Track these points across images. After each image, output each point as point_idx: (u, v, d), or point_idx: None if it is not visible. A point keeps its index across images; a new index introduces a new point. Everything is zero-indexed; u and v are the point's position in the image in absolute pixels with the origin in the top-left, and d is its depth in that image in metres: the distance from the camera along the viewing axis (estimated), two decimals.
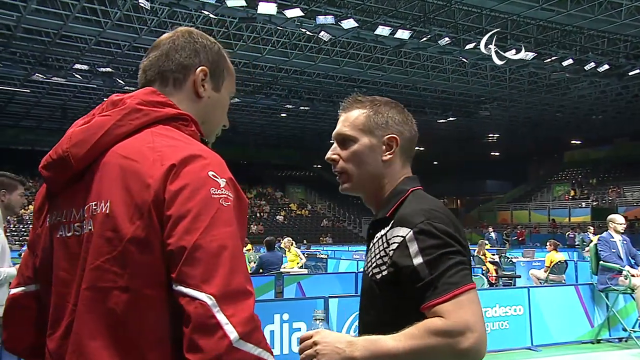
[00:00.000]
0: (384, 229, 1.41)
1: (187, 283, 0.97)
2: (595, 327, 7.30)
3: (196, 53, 1.24)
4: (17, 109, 31.13)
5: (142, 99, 1.16)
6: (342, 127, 1.52)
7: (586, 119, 32.89)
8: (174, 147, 1.07)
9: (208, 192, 1.02)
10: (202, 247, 0.98)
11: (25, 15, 17.40)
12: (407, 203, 1.42)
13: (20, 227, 29.17)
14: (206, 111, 1.25)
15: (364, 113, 1.51)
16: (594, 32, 19.59)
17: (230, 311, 0.95)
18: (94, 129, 1.12)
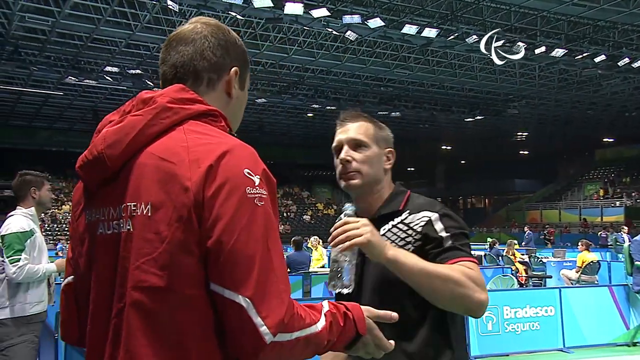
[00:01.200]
0: (396, 218, 1.68)
1: (224, 285, 1.00)
2: (630, 329, 7.14)
3: (227, 51, 1.24)
4: (50, 111, 31.93)
5: (172, 96, 1.14)
6: (357, 134, 1.72)
7: (619, 116, 32.07)
8: (207, 144, 1.07)
9: (244, 192, 1.03)
10: (239, 249, 1.00)
11: (59, 20, 17.84)
12: (414, 199, 1.74)
13: (54, 226, 29.92)
14: (234, 110, 1.26)
15: (371, 126, 1.75)
16: (628, 26, 19.09)
17: (265, 312, 0.99)
18: (127, 130, 1.12)
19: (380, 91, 27.32)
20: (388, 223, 1.68)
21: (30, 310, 3.68)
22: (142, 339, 1.03)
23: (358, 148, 1.71)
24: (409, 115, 30.44)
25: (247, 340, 1.00)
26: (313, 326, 1.07)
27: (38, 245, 3.77)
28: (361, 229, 1.47)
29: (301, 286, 8.29)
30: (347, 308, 1.17)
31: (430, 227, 1.62)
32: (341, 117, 1.78)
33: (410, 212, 1.68)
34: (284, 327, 1.01)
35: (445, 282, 1.48)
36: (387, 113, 29.12)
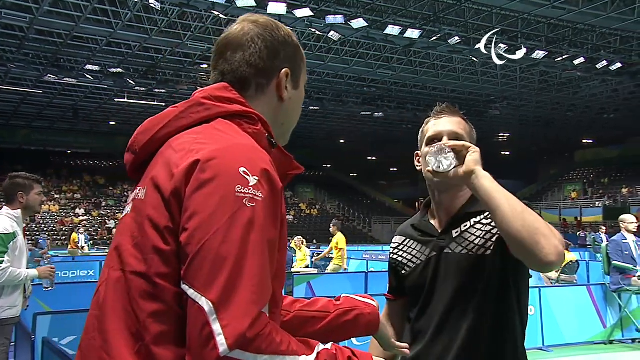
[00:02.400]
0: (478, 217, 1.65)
1: (191, 284, 0.93)
2: (608, 327, 7.25)
3: (276, 54, 1.20)
4: (29, 109, 31.42)
5: (210, 93, 1.14)
6: (457, 128, 1.71)
7: (598, 118, 32.59)
8: (215, 139, 1.04)
9: (232, 190, 0.96)
10: (211, 247, 0.93)
11: (38, 17, 17.57)
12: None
13: (33, 225, 29.45)
14: (288, 112, 1.24)
15: (467, 125, 1.75)
16: (606, 30, 19.41)
17: (227, 320, 0.90)
18: (159, 119, 1.13)
19: (364, 91, 27.40)
20: (470, 220, 1.66)
21: (2, 314, 3.62)
22: (115, 324, 1.01)
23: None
24: (392, 116, 30.57)
25: (200, 348, 0.91)
26: (292, 356, 0.96)
27: (19, 247, 3.72)
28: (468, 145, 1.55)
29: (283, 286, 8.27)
30: (354, 353, 1.09)
31: None
32: (438, 109, 1.77)
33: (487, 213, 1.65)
34: (245, 343, 0.90)
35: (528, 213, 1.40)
36: (370, 113, 29.25)
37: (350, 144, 42.03)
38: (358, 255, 17.73)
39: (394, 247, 1.83)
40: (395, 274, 1.80)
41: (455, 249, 1.65)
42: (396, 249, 1.82)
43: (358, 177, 49.99)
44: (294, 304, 1.36)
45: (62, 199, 33.56)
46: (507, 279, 1.60)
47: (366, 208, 42.02)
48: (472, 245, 1.63)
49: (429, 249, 1.69)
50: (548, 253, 1.34)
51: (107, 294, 1.04)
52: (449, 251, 1.65)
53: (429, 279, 1.66)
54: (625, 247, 7.04)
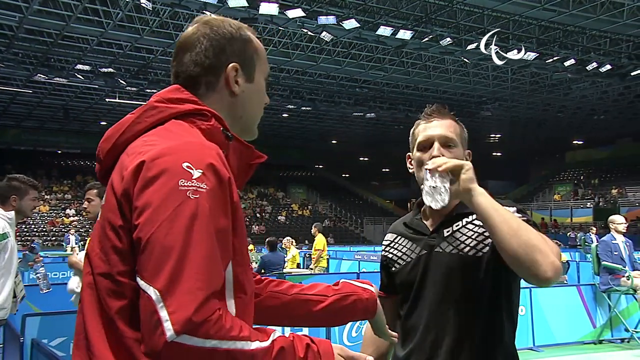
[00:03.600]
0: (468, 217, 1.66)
1: (141, 275, 0.98)
2: (597, 327, 7.29)
3: (222, 50, 1.22)
4: (19, 109, 31.17)
5: (163, 96, 1.18)
6: (447, 132, 1.69)
7: (588, 119, 32.84)
8: (163, 140, 1.08)
9: (176, 184, 1.00)
10: (157, 239, 0.97)
11: (28, 16, 17.43)
12: None
13: (23, 227, 29.22)
14: (244, 105, 1.25)
15: (457, 126, 1.73)
16: (596, 32, 19.56)
17: (173, 307, 0.94)
18: (118, 126, 1.17)
19: (356, 92, 27.43)
20: (461, 220, 1.68)
21: None
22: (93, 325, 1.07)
23: (448, 146, 1.67)
24: (384, 117, 30.64)
25: (150, 335, 0.95)
26: (244, 342, 0.99)
27: (10, 249, 3.69)
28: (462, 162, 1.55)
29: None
30: (313, 341, 1.12)
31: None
32: (428, 111, 1.73)
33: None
34: (193, 327, 0.93)
35: (525, 230, 1.41)
36: (362, 114, 29.29)
37: (342, 144, 42.05)
38: (350, 256, 17.75)
39: (386, 245, 1.84)
40: (386, 271, 1.82)
41: (445, 248, 1.66)
42: (388, 246, 1.83)
43: (350, 177, 50.04)
44: (292, 288, 1.39)
45: (52, 199, 33.32)
46: (499, 281, 1.61)
47: (358, 208, 42.08)
48: (463, 245, 1.64)
49: (420, 247, 1.71)
50: (545, 270, 1.37)
51: (84, 296, 1.11)
52: (440, 250, 1.66)
53: (418, 277, 1.68)
54: (614, 247, 7.09)
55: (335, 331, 5.55)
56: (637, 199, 32.28)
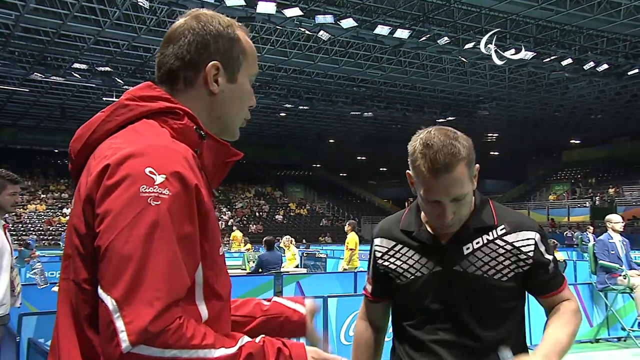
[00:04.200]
0: (491, 233, 1.60)
1: (100, 284, 0.96)
2: (594, 326, 7.31)
3: (205, 46, 1.18)
4: (15, 108, 31.09)
5: (133, 94, 1.15)
6: (457, 190, 1.50)
7: (585, 118, 32.91)
8: (129, 143, 1.04)
9: (137, 190, 0.98)
10: (115, 248, 0.95)
11: (24, 15, 17.38)
12: (501, 210, 1.66)
13: (19, 226, 29.16)
14: (223, 105, 1.21)
15: (464, 162, 1.50)
16: (593, 31, 19.60)
17: (129, 317, 0.92)
18: (89, 125, 1.15)
19: (353, 91, 27.43)
20: (481, 237, 1.59)
21: None
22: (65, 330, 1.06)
23: (458, 199, 1.53)
24: (381, 116, 30.65)
25: (106, 346, 0.93)
26: (207, 350, 0.97)
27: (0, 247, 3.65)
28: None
29: (272, 286, 8.25)
30: (285, 344, 1.10)
31: (538, 252, 1.60)
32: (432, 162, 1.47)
33: (506, 229, 1.61)
34: (149, 338, 0.91)
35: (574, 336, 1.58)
36: (359, 113, 29.29)
37: (339, 143, 42.04)
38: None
39: (382, 252, 1.71)
40: (386, 280, 1.71)
41: (467, 268, 1.58)
42: (386, 254, 1.70)
43: (347, 176, 50.05)
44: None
45: (49, 198, 33.26)
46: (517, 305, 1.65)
47: (355, 208, 42.09)
48: (487, 267, 1.57)
49: (433, 263, 1.61)
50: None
51: (58, 301, 1.10)
52: (460, 269, 1.58)
53: (433, 294, 1.60)
54: (611, 246, 7.09)
55: (332, 331, 5.55)
56: (634, 198, 32.37)
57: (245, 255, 14.31)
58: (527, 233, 1.60)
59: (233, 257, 16.80)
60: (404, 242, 1.67)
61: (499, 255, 1.58)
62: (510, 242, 1.59)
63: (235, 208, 36.72)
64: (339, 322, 5.64)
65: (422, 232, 1.64)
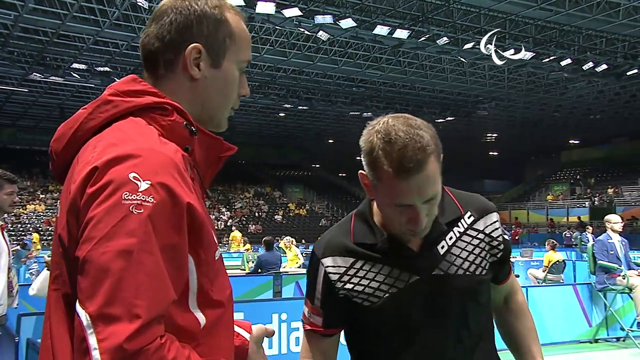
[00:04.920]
0: (460, 223, 1.43)
1: (78, 297, 0.89)
2: (593, 326, 7.31)
3: (187, 27, 1.08)
4: (14, 108, 31.08)
5: (117, 88, 1.07)
6: (431, 189, 1.28)
7: (584, 118, 32.93)
8: (113, 145, 0.97)
9: (119, 197, 0.90)
10: (92, 258, 0.88)
11: (23, 15, 17.37)
12: (458, 194, 1.49)
13: (18, 226, 29.15)
14: (206, 93, 1.11)
15: (433, 155, 1.27)
16: (592, 31, 19.62)
17: (103, 334, 0.84)
18: (71, 123, 1.07)
19: (352, 91, 27.43)
20: (452, 231, 1.41)
21: None
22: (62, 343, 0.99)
23: (431, 199, 1.31)
24: (380, 116, 30.62)
25: None
26: None
27: None
28: None
29: (272, 287, 8.24)
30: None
31: (502, 232, 1.49)
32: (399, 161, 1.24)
33: (474, 215, 1.44)
34: (124, 357, 0.84)
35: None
36: (359, 113, 29.27)
37: (338, 144, 42.03)
38: None
39: (339, 273, 1.42)
40: (347, 307, 1.42)
41: (448, 269, 1.38)
42: (344, 275, 1.41)
43: (347, 177, 50.01)
44: None
45: (48, 198, 33.23)
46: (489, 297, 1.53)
47: (355, 208, 41.83)
48: (467, 263, 1.40)
49: (407, 273, 1.37)
50: None
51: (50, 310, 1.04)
52: (440, 272, 1.37)
53: (417, 308, 1.37)
54: (610, 246, 7.10)
55: None
56: (632, 199, 32.40)
57: (245, 256, 14.31)
58: (492, 216, 1.46)
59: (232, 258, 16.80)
60: (365, 257, 1.40)
61: (475, 247, 1.42)
62: (482, 230, 1.43)
63: (234, 208, 36.71)
64: None
65: (386, 241, 1.38)
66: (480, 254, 1.42)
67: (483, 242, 1.43)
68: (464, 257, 1.40)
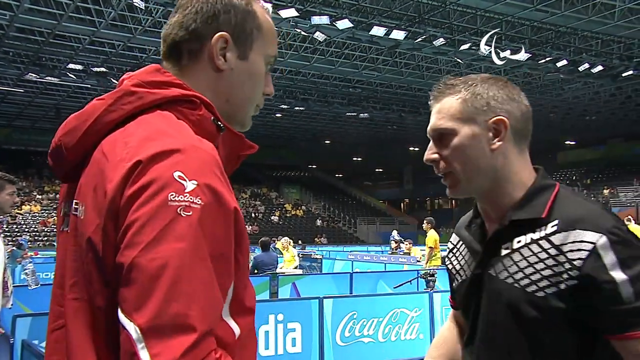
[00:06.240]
0: (536, 231, 1.16)
1: (122, 307, 0.81)
2: None
3: (214, 16, 1.03)
4: (10, 108, 30.99)
5: (141, 79, 0.99)
6: (437, 121, 1.25)
7: (580, 119, 33.06)
8: (150, 140, 0.89)
9: (165, 198, 0.82)
10: (140, 265, 0.80)
11: (19, 15, 17.33)
12: (565, 201, 1.19)
13: (14, 227, 29.06)
14: (231, 85, 1.05)
15: (459, 98, 1.25)
16: (588, 33, 19.70)
17: (157, 349, 0.77)
18: (85, 115, 0.98)
19: (349, 92, 27.46)
20: (526, 234, 1.17)
21: None
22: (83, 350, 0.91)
23: (443, 139, 1.24)
24: (377, 117, 30.68)
25: None
26: None
27: None
28: None
29: (268, 287, 8.24)
30: None
31: (595, 262, 1.07)
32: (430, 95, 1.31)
33: (559, 226, 1.13)
34: None
35: None
36: (355, 114, 29.33)
37: (335, 144, 42.08)
38: (343, 256, 17.77)
39: (449, 250, 1.43)
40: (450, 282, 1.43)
41: (500, 272, 1.19)
42: (450, 252, 1.42)
43: (343, 177, 50.08)
44: None
45: (44, 199, 33.14)
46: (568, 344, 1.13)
47: (351, 208, 42.12)
48: (521, 274, 1.16)
49: (475, 264, 1.28)
50: None
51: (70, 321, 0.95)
52: (493, 274, 1.21)
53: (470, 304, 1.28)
54: None
55: (327, 332, 5.55)
56: (628, 199, 32.52)
57: None
58: (584, 233, 1.09)
59: None
60: (465, 240, 1.36)
61: (539, 261, 1.13)
62: (557, 245, 1.12)
63: None
64: (335, 324, 5.64)
65: (473, 224, 1.33)
66: (542, 271, 1.13)
67: (552, 258, 1.12)
68: (521, 267, 1.16)
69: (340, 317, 5.66)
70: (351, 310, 5.67)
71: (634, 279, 1.05)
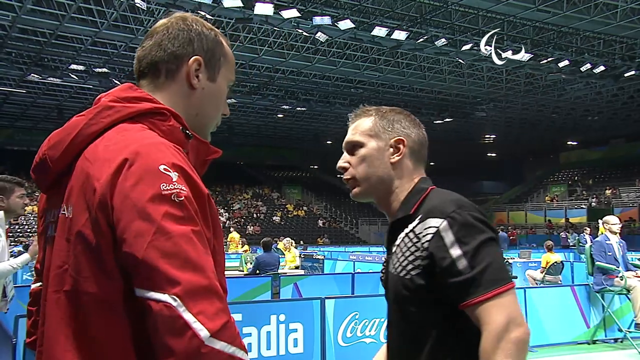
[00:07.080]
0: (408, 226, 1.37)
1: (149, 286, 0.93)
2: (591, 327, 7.32)
3: (189, 42, 1.19)
4: (12, 109, 31.02)
5: (116, 95, 1.13)
6: (351, 135, 1.53)
7: (582, 120, 32.99)
8: (126, 142, 1.02)
9: (158, 189, 0.96)
10: (158, 248, 0.93)
11: (21, 15, 17.35)
12: (431, 198, 1.40)
13: (16, 227, 29.09)
14: (201, 102, 1.21)
15: (371, 119, 1.52)
16: (590, 33, 19.66)
17: (197, 309, 0.91)
18: (68, 130, 1.11)
19: (351, 93, 27.44)
20: (403, 230, 1.39)
21: None
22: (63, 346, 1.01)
23: (354, 150, 1.51)
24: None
25: (179, 343, 0.90)
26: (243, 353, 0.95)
27: (1, 248, 3.65)
28: None
29: (270, 287, 8.24)
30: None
31: (437, 242, 1.29)
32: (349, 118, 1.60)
33: (420, 219, 1.36)
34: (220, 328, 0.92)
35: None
36: None
37: (337, 145, 41.93)
38: (345, 257, 17.75)
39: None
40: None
41: (392, 268, 1.42)
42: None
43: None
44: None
45: None
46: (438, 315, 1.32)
47: (353, 209, 42.07)
48: (398, 264, 1.38)
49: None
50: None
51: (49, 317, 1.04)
52: (391, 270, 1.42)
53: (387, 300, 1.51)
54: (608, 248, 7.10)
55: (329, 332, 5.55)
56: (630, 200, 32.44)
57: (243, 257, 14.27)
58: (433, 220, 1.31)
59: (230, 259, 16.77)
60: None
61: (407, 250, 1.35)
62: (417, 233, 1.34)
63: (232, 209, 36.68)
64: (337, 324, 5.64)
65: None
66: (408, 257, 1.34)
67: (414, 245, 1.34)
68: (399, 258, 1.38)
69: (342, 317, 5.66)
70: (353, 310, 5.67)
71: (468, 254, 1.25)
